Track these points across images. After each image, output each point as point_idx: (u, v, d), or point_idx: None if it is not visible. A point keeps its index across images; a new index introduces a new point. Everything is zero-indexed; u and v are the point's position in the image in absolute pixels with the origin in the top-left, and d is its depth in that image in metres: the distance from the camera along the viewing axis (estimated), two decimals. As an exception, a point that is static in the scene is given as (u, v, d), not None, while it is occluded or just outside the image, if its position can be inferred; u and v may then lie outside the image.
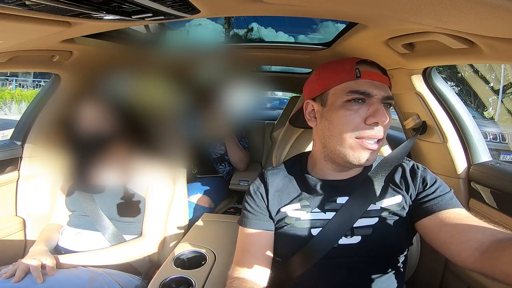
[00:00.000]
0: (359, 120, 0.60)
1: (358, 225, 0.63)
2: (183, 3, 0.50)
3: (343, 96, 0.61)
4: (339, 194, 0.66)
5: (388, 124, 0.62)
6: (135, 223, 1.03)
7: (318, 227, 0.64)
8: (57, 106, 1.21)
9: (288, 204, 0.68)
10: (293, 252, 0.65)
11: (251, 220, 0.69)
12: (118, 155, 1.03)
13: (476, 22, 0.46)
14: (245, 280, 0.62)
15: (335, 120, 0.62)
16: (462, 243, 0.53)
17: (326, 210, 0.65)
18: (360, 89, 0.60)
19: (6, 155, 1.14)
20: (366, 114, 0.60)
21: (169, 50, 1.31)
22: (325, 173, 0.70)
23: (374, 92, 0.60)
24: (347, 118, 0.60)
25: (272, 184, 0.70)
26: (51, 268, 0.83)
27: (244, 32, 2.29)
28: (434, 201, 0.61)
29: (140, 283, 0.98)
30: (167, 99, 1.29)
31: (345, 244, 0.62)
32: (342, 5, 0.54)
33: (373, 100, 0.60)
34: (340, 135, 0.61)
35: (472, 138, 0.96)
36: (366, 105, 0.60)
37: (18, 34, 0.64)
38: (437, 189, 0.63)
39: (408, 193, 0.65)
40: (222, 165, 1.84)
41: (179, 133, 1.34)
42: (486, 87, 8.36)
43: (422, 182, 0.65)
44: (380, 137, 0.61)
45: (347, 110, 0.61)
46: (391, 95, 0.64)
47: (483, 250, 0.50)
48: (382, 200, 0.65)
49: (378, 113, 0.59)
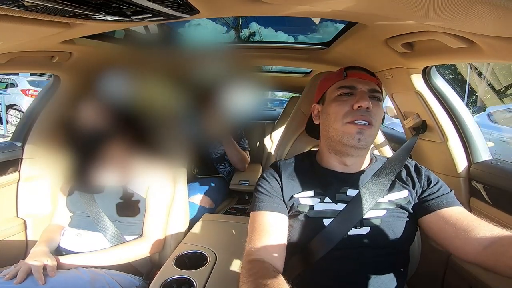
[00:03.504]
0: (347, 107, 0.70)
1: (367, 217, 0.67)
2: (182, 4, 0.50)
3: (335, 92, 0.73)
4: (349, 187, 0.71)
5: (377, 114, 0.70)
6: (135, 223, 1.03)
7: (329, 217, 0.67)
8: (57, 107, 1.21)
9: (301, 192, 0.71)
10: (305, 242, 0.66)
11: (267, 202, 0.69)
12: (118, 156, 1.03)
13: (475, 21, 0.46)
14: (264, 262, 0.60)
15: (330, 111, 0.73)
16: (466, 237, 0.58)
17: (337, 201, 0.69)
18: (347, 84, 0.72)
19: (6, 156, 1.14)
20: (353, 102, 0.69)
21: (169, 50, 1.31)
22: (332, 165, 0.75)
23: (359, 86, 0.71)
24: (338, 108, 0.71)
25: (285, 171, 0.75)
26: (52, 269, 0.83)
27: (247, 33, 2.30)
28: (439, 199, 0.66)
29: (141, 283, 0.98)
30: (167, 99, 1.29)
31: (354, 235, 0.65)
32: (341, 5, 0.54)
33: (359, 92, 0.71)
34: (335, 123, 0.71)
35: (472, 137, 0.96)
36: (354, 96, 0.71)
37: (17, 35, 0.64)
38: (440, 188, 0.69)
39: (414, 189, 0.70)
40: (222, 165, 1.84)
41: (180, 134, 1.34)
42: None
43: (427, 180, 0.71)
44: (369, 120, 0.68)
45: (338, 101, 0.72)
46: (378, 89, 0.73)
47: (486, 244, 0.55)
48: (390, 194, 0.69)
49: (361, 98, 0.68)
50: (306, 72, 2.10)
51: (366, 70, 0.76)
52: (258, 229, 0.66)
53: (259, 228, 0.66)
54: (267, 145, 2.33)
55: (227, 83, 1.72)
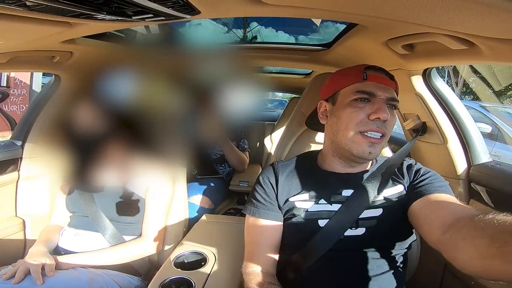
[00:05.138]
0: (363, 116, 0.65)
1: (363, 217, 0.65)
2: (183, 4, 0.50)
3: (350, 96, 0.67)
4: (345, 187, 0.69)
5: (391, 123, 0.67)
6: (135, 223, 1.03)
7: (325, 219, 0.66)
8: (57, 106, 1.21)
9: (297, 195, 0.70)
10: (301, 243, 0.66)
11: (261, 210, 0.71)
12: (118, 156, 1.02)
13: (476, 23, 0.46)
14: (258, 274, 0.66)
15: (343, 116, 0.68)
16: (431, 222, 0.55)
17: (332, 202, 0.68)
18: (366, 89, 0.66)
19: (6, 155, 1.14)
20: (370, 110, 0.65)
21: (170, 51, 1.31)
22: (333, 168, 0.73)
23: (379, 93, 0.66)
24: (353, 114, 0.66)
25: (282, 174, 0.73)
26: (50, 268, 0.82)
27: (244, 34, 2.31)
28: (424, 187, 0.64)
29: (140, 283, 0.98)
30: (167, 100, 1.29)
31: (350, 236, 0.64)
32: (342, 6, 0.54)
33: (377, 100, 0.66)
34: (346, 130, 0.67)
35: (472, 139, 0.96)
36: (371, 104, 0.66)
37: (18, 35, 0.64)
38: (428, 177, 0.66)
39: (406, 183, 0.69)
40: (222, 166, 1.84)
41: (180, 134, 1.34)
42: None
43: (415, 173, 0.69)
44: (383, 132, 0.65)
45: (353, 107, 0.66)
46: (396, 97, 0.68)
47: (445, 229, 0.50)
48: (384, 190, 0.68)
49: (380, 110, 0.64)
50: (306, 73, 2.10)
51: (386, 71, 0.71)
52: (252, 240, 0.72)
53: (253, 240, 0.72)
54: (267, 145, 2.33)
55: (227, 84, 1.72)
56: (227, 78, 1.57)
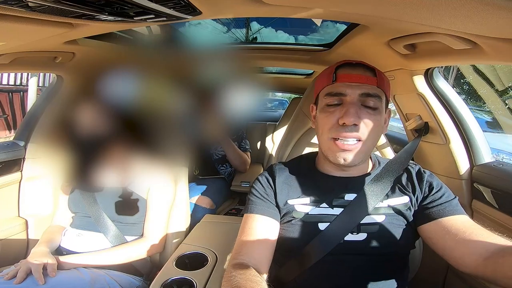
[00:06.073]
0: (334, 121, 0.63)
1: (365, 222, 0.64)
2: (185, 5, 0.50)
3: (323, 100, 0.66)
4: (347, 191, 0.67)
5: (368, 125, 0.62)
6: (137, 224, 1.03)
7: (325, 222, 0.64)
8: (59, 107, 1.22)
9: (297, 198, 0.68)
10: (300, 246, 0.64)
11: (258, 206, 0.69)
12: (120, 157, 1.03)
13: (478, 23, 0.46)
14: (246, 266, 0.59)
15: (319, 122, 0.67)
16: (466, 248, 0.54)
17: (334, 206, 0.66)
18: (334, 91, 0.64)
19: (9, 156, 1.14)
20: (340, 115, 0.62)
21: (172, 51, 1.31)
22: (329, 171, 0.71)
23: (348, 92, 0.63)
24: (324, 120, 0.65)
25: (280, 176, 0.72)
26: (52, 269, 0.83)
27: (247, 35, 2.31)
28: (440, 207, 0.62)
29: (142, 284, 0.98)
30: (169, 100, 1.29)
31: (351, 241, 0.63)
32: (343, 7, 0.54)
33: (347, 100, 0.63)
34: (321, 136, 0.66)
35: (475, 139, 0.95)
36: (342, 107, 0.63)
37: (21, 36, 0.64)
38: (443, 195, 0.64)
39: (414, 195, 0.66)
40: (223, 166, 1.84)
41: (181, 135, 1.34)
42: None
43: (429, 187, 0.66)
44: (357, 137, 0.62)
45: (325, 112, 0.65)
46: (375, 92, 0.63)
47: (487, 256, 0.51)
48: (389, 199, 0.66)
49: (346, 113, 0.61)
50: (308, 74, 2.10)
51: (364, 65, 0.66)
52: (246, 232, 0.66)
53: (247, 232, 0.66)
54: (269, 146, 2.33)
55: (229, 84, 1.72)
56: (229, 78, 1.57)
